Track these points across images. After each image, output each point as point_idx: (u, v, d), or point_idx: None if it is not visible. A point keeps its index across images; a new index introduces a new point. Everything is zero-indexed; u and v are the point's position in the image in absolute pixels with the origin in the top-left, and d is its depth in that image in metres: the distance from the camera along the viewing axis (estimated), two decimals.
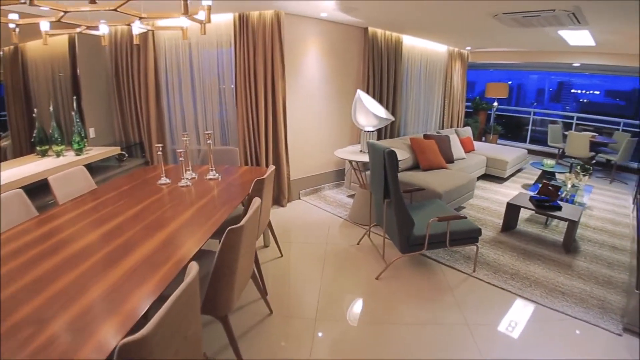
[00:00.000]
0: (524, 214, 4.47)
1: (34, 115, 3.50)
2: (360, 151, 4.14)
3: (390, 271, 3.20)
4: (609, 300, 2.95)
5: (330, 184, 5.37)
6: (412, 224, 2.92)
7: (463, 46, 7.21)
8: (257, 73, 4.20)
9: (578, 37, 4.98)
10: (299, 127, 4.71)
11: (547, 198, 3.99)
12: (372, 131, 4.02)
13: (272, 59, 4.20)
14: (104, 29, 2.81)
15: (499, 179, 6.37)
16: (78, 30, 2.64)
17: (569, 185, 5.04)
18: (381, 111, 4.04)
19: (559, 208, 3.87)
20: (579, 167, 5.08)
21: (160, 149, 2.84)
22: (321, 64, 4.79)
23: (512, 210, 4.15)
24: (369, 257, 3.48)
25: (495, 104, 8.41)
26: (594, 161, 6.89)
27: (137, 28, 2.78)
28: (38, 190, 2.79)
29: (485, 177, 6.41)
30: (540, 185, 5.55)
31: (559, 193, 4.15)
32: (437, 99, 7.14)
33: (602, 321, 2.67)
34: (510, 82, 8.31)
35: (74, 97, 3.84)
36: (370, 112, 3.89)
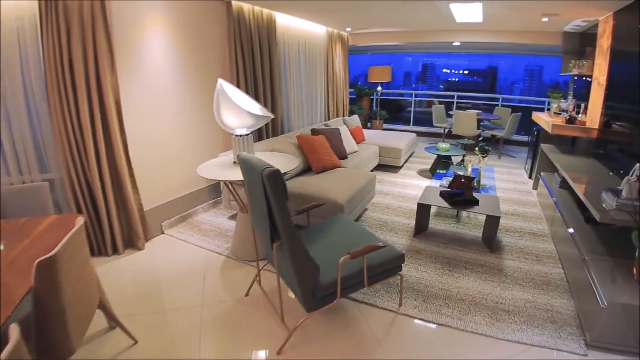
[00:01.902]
0: (432, 207, 3.94)
1: None
2: (235, 162, 3.09)
3: (296, 334, 2.26)
4: (556, 309, 2.52)
5: (205, 204, 4.20)
6: (316, 272, 2.00)
7: (343, 27, 6.53)
8: (74, 68, 2.84)
9: (468, 13, 4.62)
10: (148, 136, 3.45)
11: (460, 191, 3.44)
12: (247, 134, 2.99)
13: (94, 48, 2.89)
14: None
15: (394, 168, 5.90)
16: None
17: (469, 169, 4.70)
18: (254, 106, 3.04)
19: (476, 202, 3.34)
20: (477, 148, 4.75)
21: None
22: (172, 50, 3.56)
23: (422, 209, 3.54)
24: (265, 316, 2.47)
25: (380, 88, 8.01)
26: (480, 138, 6.86)
27: None
28: None
29: (380, 167, 5.90)
30: (441, 172, 5.21)
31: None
32: (320, 86, 6.37)
33: (561, 341, 2.22)
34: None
35: None
36: (240, 108, 2.86)
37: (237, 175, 2.76)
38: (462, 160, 5.49)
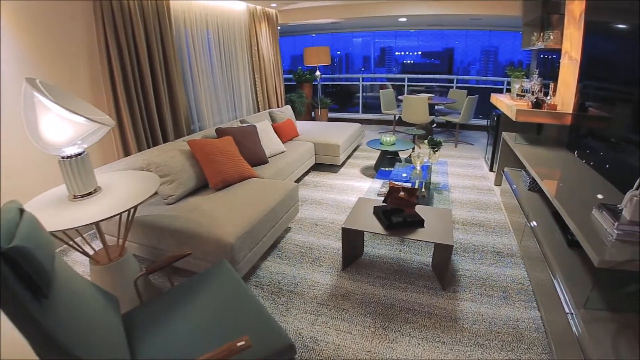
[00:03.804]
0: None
1: None
2: (75, 196, 2.05)
3: None
4: None
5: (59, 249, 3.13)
6: None
7: (267, 2, 5.50)
8: None
9: None
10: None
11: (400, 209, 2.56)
12: (80, 154, 1.97)
13: None
14: None
15: (334, 167, 5.01)
16: None
17: (418, 166, 3.86)
18: (79, 114, 1.99)
19: (421, 222, 2.47)
20: (426, 141, 3.90)
21: None
22: (13, 43, 2.46)
23: (351, 233, 2.63)
24: None
25: (318, 72, 7.01)
26: (434, 125, 6.06)
27: None
28: None
29: (318, 166, 5.00)
30: (387, 170, 4.28)
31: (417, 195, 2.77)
32: (243, 75, 5.33)
33: None
34: (338, 52, 7.02)
35: None
36: (65, 117, 1.84)
37: (69, 217, 1.77)
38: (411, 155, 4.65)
